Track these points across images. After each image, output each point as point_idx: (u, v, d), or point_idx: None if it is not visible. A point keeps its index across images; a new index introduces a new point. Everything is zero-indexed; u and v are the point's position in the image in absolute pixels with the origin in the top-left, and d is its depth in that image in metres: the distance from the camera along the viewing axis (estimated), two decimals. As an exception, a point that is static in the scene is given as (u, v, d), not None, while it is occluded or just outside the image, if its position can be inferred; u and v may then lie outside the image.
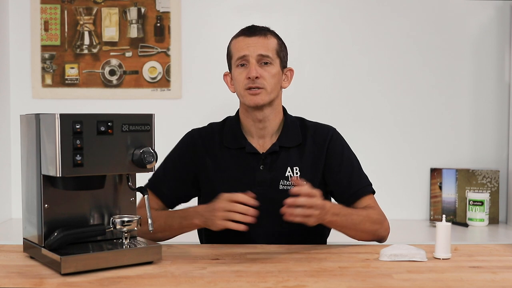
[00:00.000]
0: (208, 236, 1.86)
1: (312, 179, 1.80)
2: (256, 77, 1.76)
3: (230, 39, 1.87)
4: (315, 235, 1.83)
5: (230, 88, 1.88)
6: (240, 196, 1.56)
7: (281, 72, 1.83)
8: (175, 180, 1.86)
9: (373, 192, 1.85)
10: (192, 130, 1.93)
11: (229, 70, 1.88)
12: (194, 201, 1.91)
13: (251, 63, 1.77)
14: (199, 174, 1.85)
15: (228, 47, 1.86)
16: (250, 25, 1.86)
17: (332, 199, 1.90)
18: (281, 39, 1.86)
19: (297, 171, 1.81)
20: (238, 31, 1.85)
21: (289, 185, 1.78)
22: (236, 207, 1.55)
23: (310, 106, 2.89)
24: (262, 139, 1.85)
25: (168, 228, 1.73)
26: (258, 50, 1.78)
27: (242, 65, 1.79)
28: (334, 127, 1.92)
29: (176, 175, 1.86)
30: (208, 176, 1.84)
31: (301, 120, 1.91)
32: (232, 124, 1.89)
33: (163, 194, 1.85)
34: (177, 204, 1.90)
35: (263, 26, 1.85)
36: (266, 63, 1.78)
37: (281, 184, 1.80)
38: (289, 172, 1.81)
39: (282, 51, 1.84)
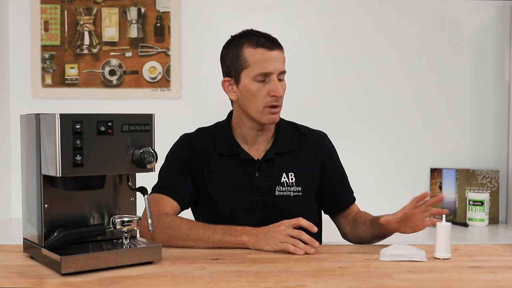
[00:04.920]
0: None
1: (308, 184, 1.81)
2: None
3: (240, 43, 1.74)
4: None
5: (230, 95, 1.80)
6: (304, 221, 1.59)
7: None
8: (184, 177, 1.79)
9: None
10: (184, 135, 1.88)
11: (230, 75, 1.78)
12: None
13: (273, 80, 1.71)
14: (196, 179, 1.81)
15: (240, 53, 1.73)
16: (263, 33, 1.75)
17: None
18: None
19: (293, 176, 1.80)
20: (250, 37, 1.73)
21: (285, 191, 1.78)
22: (303, 237, 1.56)
23: (310, 106, 2.89)
24: (257, 145, 1.82)
25: (193, 238, 1.63)
26: (280, 66, 1.72)
27: (263, 80, 1.72)
28: (326, 132, 1.93)
29: (183, 171, 1.80)
30: (204, 183, 1.81)
31: (293, 125, 1.89)
32: (224, 131, 1.84)
33: (177, 195, 1.77)
34: (189, 206, 1.85)
35: (274, 37, 1.76)
36: (280, 80, 1.74)
37: (277, 190, 1.78)
38: (284, 178, 1.79)
39: None
